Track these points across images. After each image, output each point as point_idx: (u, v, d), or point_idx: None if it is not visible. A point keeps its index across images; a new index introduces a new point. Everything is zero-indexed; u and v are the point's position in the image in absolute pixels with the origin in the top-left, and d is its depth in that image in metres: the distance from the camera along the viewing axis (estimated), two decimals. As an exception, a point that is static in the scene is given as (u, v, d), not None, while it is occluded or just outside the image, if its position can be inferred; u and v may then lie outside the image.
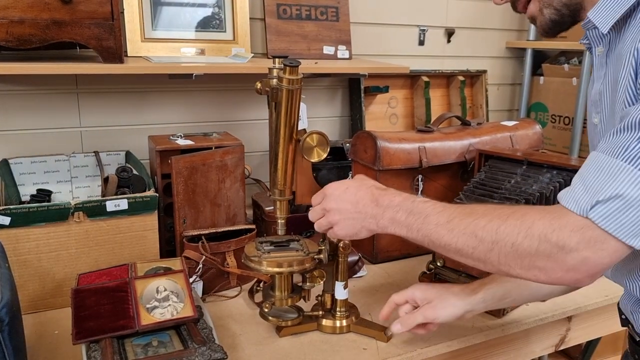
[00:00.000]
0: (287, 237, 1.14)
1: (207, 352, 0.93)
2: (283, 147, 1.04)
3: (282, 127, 1.03)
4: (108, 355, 0.91)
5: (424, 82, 2.00)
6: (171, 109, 1.67)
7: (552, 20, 0.90)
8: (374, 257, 1.49)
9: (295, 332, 1.14)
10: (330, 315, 1.16)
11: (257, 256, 1.07)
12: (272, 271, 1.07)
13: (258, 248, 1.10)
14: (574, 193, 0.74)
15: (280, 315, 1.13)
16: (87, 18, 1.24)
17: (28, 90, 1.49)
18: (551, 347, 1.36)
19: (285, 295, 1.11)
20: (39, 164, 1.44)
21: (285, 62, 0.98)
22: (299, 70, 1.00)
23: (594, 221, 0.71)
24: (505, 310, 1.22)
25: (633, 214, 0.69)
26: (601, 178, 0.71)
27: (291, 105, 1.01)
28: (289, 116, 1.02)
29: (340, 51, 1.80)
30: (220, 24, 1.63)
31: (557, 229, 0.73)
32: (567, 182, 1.31)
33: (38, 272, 1.17)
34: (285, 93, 0.99)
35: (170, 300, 1.04)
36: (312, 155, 1.05)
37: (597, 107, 0.88)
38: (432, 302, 1.03)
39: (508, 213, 0.79)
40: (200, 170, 1.32)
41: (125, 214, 1.22)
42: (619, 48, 0.82)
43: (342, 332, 1.14)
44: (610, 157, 0.71)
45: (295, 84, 0.99)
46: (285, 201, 1.09)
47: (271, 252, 1.09)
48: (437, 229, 0.84)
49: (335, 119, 1.96)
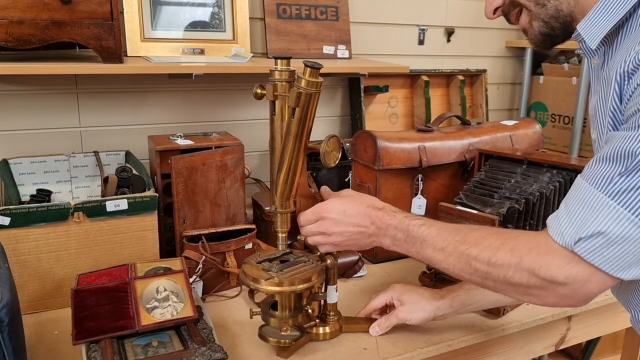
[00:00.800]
0: (280, 252, 1.06)
1: (208, 352, 0.92)
2: (292, 155, 0.95)
3: (294, 134, 0.94)
4: (108, 355, 0.91)
5: (424, 82, 2.00)
6: (170, 109, 1.67)
7: (542, 33, 0.89)
8: (374, 257, 1.49)
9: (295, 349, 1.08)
10: (321, 322, 1.11)
11: (271, 277, 0.98)
12: (300, 288, 0.99)
13: (265, 269, 1.01)
14: (559, 224, 0.75)
15: (280, 335, 1.04)
16: (87, 18, 1.23)
17: (28, 90, 1.49)
18: (551, 347, 1.36)
19: (288, 315, 1.03)
20: (38, 164, 1.44)
21: (306, 63, 0.90)
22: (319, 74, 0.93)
23: (580, 255, 0.72)
24: (505, 309, 1.22)
25: (617, 250, 0.70)
26: (585, 212, 0.72)
27: (308, 110, 0.93)
28: (304, 122, 0.93)
29: (340, 51, 1.80)
30: (220, 24, 1.62)
31: (544, 266, 0.75)
32: (567, 181, 1.31)
33: (38, 272, 1.17)
34: (303, 96, 0.91)
35: (170, 301, 1.04)
36: (331, 160, 0.98)
37: (593, 122, 0.87)
38: (405, 305, 1.11)
39: (497, 245, 0.81)
40: (200, 170, 1.32)
41: (125, 214, 1.22)
42: (611, 64, 0.81)
43: (336, 336, 1.12)
44: (594, 189, 0.72)
45: (315, 86, 0.91)
46: (287, 214, 1.02)
47: (285, 270, 1.00)
48: (434, 254, 0.89)
49: (335, 119, 1.96)
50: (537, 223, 1.29)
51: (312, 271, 1.02)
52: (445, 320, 1.19)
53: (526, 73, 2.25)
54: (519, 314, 1.24)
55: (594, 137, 0.88)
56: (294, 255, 1.07)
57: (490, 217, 1.20)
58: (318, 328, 1.11)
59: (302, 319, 1.07)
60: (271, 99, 0.96)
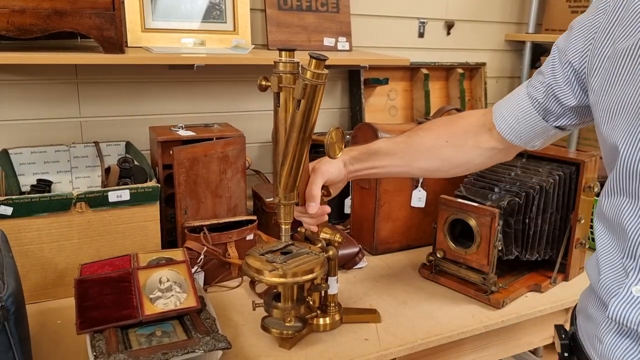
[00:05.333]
0: (283, 243, 1.06)
1: (212, 342, 0.93)
2: (296, 147, 0.95)
3: (299, 126, 0.93)
4: (112, 344, 0.92)
5: (424, 75, 2.00)
6: (171, 100, 1.67)
7: None
8: (374, 249, 1.50)
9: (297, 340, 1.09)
10: (322, 313, 1.13)
11: (275, 268, 0.99)
12: (303, 280, 1.00)
13: (269, 260, 1.01)
14: None
15: (283, 326, 1.05)
16: (88, 8, 1.23)
17: (28, 80, 1.49)
18: (549, 339, 1.37)
19: (290, 306, 1.04)
20: (39, 154, 1.44)
21: (312, 54, 0.90)
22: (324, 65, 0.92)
23: None
24: (504, 301, 1.23)
25: None
26: None
27: (313, 102, 0.92)
28: (309, 114, 0.93)
29: (340, 43, 1.80)
30: (221, 15, 1.62)
31: None
32: (566, 174, 1.32)
33: (40, 262, 1.18)
34: (308, 88, 0.90)
35: (173, 291, 1.05)
36: (335, 152, 0.99)
37: None
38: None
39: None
40: (201, 161, 1.32)
41: (127, 204, 1.22)
42: None
43: (337, 327, 1.13)
44: None
45: (320, 78, 0.91)
46: (290, 206, 1.01)
47: (289, 262, 1.01)
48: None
49: (335, 111, 1.96)
50: (537, 216, 1.30)
51: (315, 262, 1.02)
52: (445, 312, 1.21)
53: (525, 66, 2.25)
54: (517, 306, 1.26)
55: None
56: (296, 247, 1.07)
57: (491, 210, 1.21)
58: (319, 319, 1.12)
59: (304, 310, 1.07)
60: (276, 90, 0.95)
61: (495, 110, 0.98)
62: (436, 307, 1.23)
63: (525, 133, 0.93)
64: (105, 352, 0.90)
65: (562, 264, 1.36)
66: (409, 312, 1.21)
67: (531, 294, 1.31)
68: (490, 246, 1.22)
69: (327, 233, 1.11)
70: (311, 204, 1.01)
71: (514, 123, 0.94)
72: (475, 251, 1.25)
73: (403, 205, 1.49)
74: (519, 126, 0.93)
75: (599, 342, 0.74)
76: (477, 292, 1.27)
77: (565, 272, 1.37)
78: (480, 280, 1.26)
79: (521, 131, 0.93)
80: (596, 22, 0.76)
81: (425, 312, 1.21)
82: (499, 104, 0.98)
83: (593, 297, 0.78)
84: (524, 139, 0.94)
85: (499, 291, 1.26)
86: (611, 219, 0.72)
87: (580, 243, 1.36)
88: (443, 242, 1.31)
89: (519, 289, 1.29)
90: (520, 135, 0.94)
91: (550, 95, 0.86)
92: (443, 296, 1.29)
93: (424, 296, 1.28)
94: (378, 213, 1.46)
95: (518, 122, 0.93)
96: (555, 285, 1.35)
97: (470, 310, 1.23)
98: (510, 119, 0.94)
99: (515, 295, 1.28)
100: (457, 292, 1.30)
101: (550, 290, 1.33)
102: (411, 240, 1.53)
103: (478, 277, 1.27)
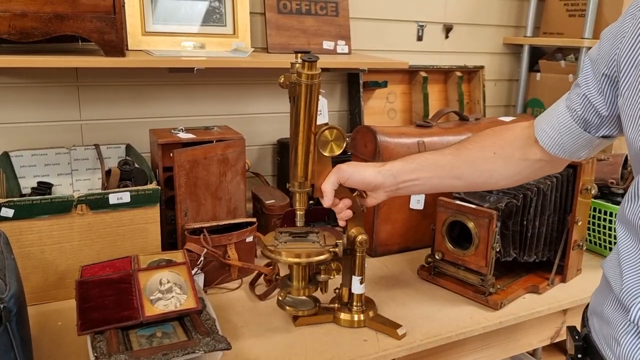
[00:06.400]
0: (306, 229, 1.15)
1: (212, 343, 0.94)
2: (302, 140, 1.06)
3: (302, 120, 1.04)
4: (113, 345, 0.92)
5: (422, 78, 2.01)
6: (171, 103, 1.68)
7: None
8: (373, 251, 1.50)
9: (311, 322, 1.16)
10: (346, 309, 1.17)
11: (274, 246, 1.10)
12: (290, 261, 1.09)
13: (276, 238, 1.13)
14: None
15: (297, 305, 1.16)
16: (89, 11, 1.24)
17: (29, 83, 1.49)
18: (547, 340, 1.38)
19: (302, 285, 1.13)
20: (39, 156, 1.44)
21: (303, 58, 1.00)
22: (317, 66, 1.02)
23: None
24: (502, 303, 1.24)
25: None
26: None
27: (310, 99, 1.02)
28: (308, 110, 1.04)
29: (339, 46, 1.81)
30: (221, 18, 1.63)
31: None
32: (563, 177, 1.33)
33: (41, 264, 1.18)
34: (304, 88, 1.01)
35: (173, 292, 1.05)
36: (326, 149, 1.07)
37: None
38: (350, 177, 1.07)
39: None
40: (201, 164, 1.33)
41: (127, 206, 1.22)
42: None
43: (359, 327, 1.15)
44: None
45: (314, 78, 1.01)
46: (304, 193, 1.11)
47: (288, 243, 1.12)
48: None
49: (334, 114, 1.97)
50: (535, 218, 1.31)
51: (314, 251, 1.09)
52: (443, 313, 1.22)
53: (523, 70, 2.27)
54: (515, 307, 1.26)
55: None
56: (316, 235, 1.15)
57: (489, 212, 1.22)
58: (339, 313, 1.17)
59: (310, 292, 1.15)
60: (285, 88, 1.05)
61: (536, 125, 0.96)
62: (435, 308, 1.24)
63: (569, 145, 0.92)
64: (106, 352, 0.90)
65: (560, 266, 1.37)
66: (407, 313, 1.21)
67: (529, 296, 1.32)
68: (488, 248, 1.23)
69: (352, 232, 1.15)
70: (324, 199, 1.08)
71: (556, 136, 0.92)
72: (474, 253, 1.26)
73: (402, 207, 1.50)
74: (561, 139, 0.92)
75: (616, 344, 0.74)
76: (475, 294, 1.27)
77: (563, 274, 1.38)
78: (478, 281, 1.27)
79: (564, 144, 0.92)
80: (624, 27, 0.75)
81: (424, 313, 1.22)
82: (540, 119, 0.97)
83: (611, 299, 0.78)
84: (568, 151, 0.93)
85: (497, 292, 1.27)
86: (634, 222, 0.72)
87: (578, 245, 1.37)
88: (442, 244, 1.32)
89: (517, 291, 1.30)
90: (564, 148, 0.92)
91: (587, 106, 0.85)
92: (441, 297, 1.29)
93: (423, 297, 1.29)
94: (377, 215, 1.47)
95: (560, 136, 0.91)
96: (553, 286, 1.36)
97: (469, 311, 1.23)
98: (552, 133, 0.93)
99: (513, 296, 1.29)
100: (455, 293, 1.31)
101: (548, 292, 1.34)
102: (410, 242, 1.54)
103: (476, 278, 1.27)
